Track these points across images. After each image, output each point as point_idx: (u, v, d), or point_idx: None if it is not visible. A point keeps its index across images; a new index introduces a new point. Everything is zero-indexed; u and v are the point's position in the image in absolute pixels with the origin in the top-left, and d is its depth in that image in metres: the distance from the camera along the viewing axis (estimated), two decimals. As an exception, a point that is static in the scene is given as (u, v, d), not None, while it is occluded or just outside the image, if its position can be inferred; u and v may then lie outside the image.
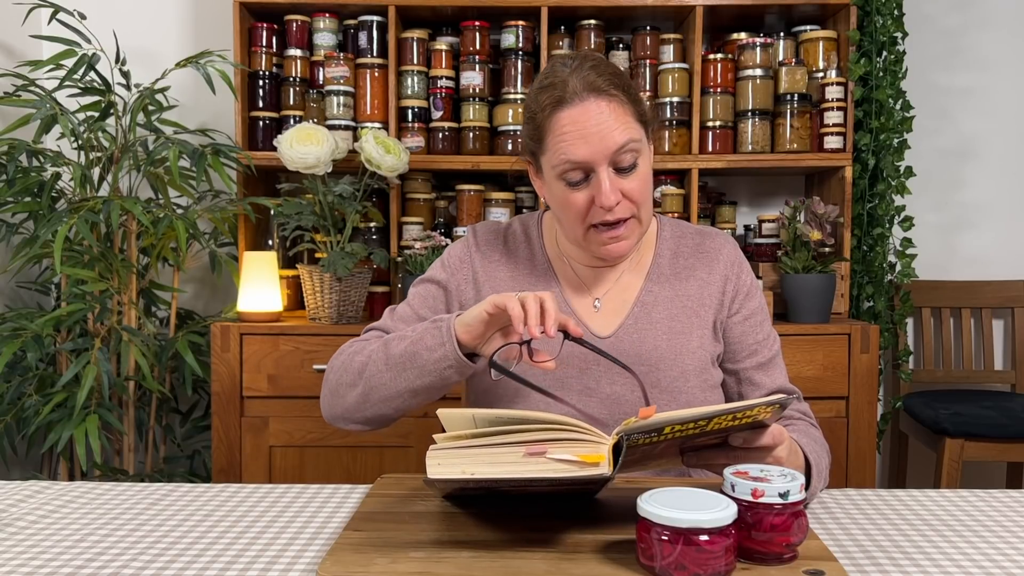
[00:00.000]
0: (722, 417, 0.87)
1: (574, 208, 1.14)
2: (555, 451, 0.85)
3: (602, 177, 1.11)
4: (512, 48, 2.42)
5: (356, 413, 1.17)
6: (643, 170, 1.15)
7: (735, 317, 1.24)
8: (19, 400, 2.23)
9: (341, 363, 1.19)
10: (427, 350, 1.08)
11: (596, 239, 1.16)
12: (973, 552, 0.93)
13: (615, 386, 1.18)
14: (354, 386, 1.15)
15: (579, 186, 1.13)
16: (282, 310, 2.30)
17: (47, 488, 1.15)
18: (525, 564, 0.82)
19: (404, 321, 1.25)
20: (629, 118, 1.13)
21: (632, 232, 1.17)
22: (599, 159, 1.11)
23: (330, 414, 1.21)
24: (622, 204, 1.13)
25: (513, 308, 1.00)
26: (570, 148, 1.11)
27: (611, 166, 1.12)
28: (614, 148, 1.11)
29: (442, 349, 1.07)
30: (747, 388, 1.24)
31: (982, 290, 2.67)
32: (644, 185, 1.15)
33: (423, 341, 1.09)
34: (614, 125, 1.11)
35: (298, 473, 2.18)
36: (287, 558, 0.91)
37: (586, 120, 1.11)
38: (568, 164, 1.12)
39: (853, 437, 2.18)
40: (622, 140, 1.11)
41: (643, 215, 1.17)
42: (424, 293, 1.27)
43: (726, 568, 0.78)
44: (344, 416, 1.19)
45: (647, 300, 1.23)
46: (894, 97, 2.40)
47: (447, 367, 1.07)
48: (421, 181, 2.48)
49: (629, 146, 1.12)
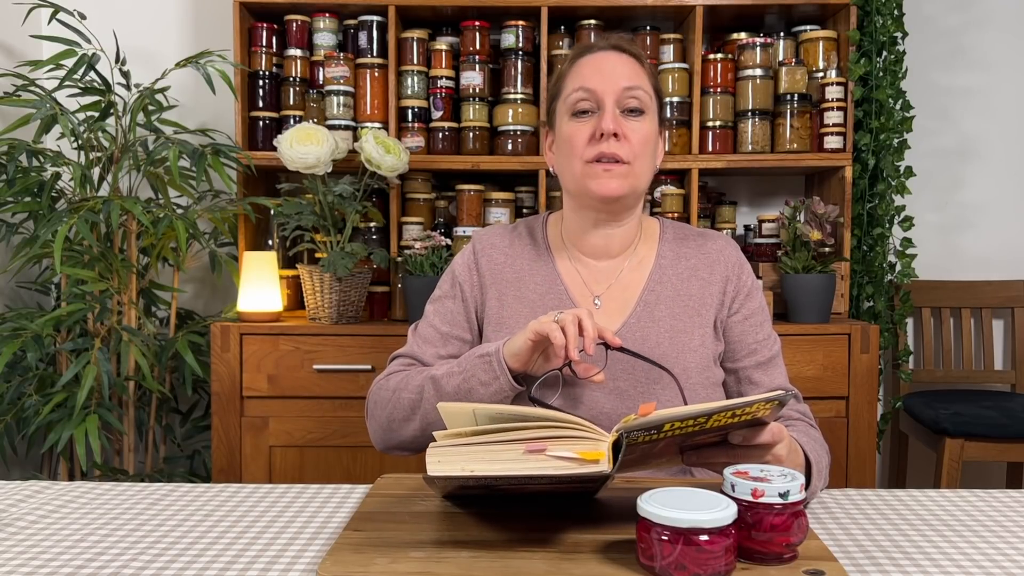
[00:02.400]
0: (721, 414, 0.87)
1: (578, 139, 1.21)
2: (555, 448, 0.85)
3: (608, 108, 1.19)
4: (512, 48, 2.42)
5: (414, 444, 1.22)
6: (646, 127, 1.22)
7: (735, 317, 1.25)
8: (19, 400, 2.23)
9: (387, 399, 1.23)
10: (482, 385, 1.13)
11: (591, 173, 1.20)
12: (973, 552, 0.93)
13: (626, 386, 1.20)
14: (409, 421, 1.20)
15: (585, 117, 1.21)
16: (282, 310, 2.30)
17: (47, 488, 1.15)
18: (525, 564, 0.82)
19: (430, 343, 1.28)
20: (644, 78, 1.23)
21: (625, 179, 1.20)
22: (608, 90, 1.20)
23: (385, 446, 1.26)
24: (622, 142, 1.19)
25: (555, 335, 1.05)
26: (584, 78, 1.21)
27: (617, 106, 1.20)
28: (624, 85, 1.20)
29: (497, 383, 1.12)
30: (747, 387, 1.25)
31: (982, 290, 2.67)
32: (644, 139, 1.21)
33: (476, 377, 1.13)
34: (628, 72, 1.21)
35: (298, 473, 2.18)
36: (287, 558, 0.91)
37: (603, 62, 1.22)
38: (580, 91, 1.21)
39: (853, 437, 2.18)
40: (633, 82, 1.20)
41: (638, 168, 1.21)
42: (442, 311, 1.30)
43: (726, 568, 0.78)
44: (401, 447, 1.25)
45: (649, 299, 1.24)
46: (894, 97, 2.40)
47: (504, 397, 1.13)
48: (421, 181, 2.48)
49: (637, 92, 1.20)
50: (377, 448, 1.27)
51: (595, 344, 1.07)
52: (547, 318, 1.07)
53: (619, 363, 1.18)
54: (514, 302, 1.26)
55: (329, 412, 2.16)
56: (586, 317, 1.06)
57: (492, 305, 1.27)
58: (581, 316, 1.06)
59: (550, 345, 1.08)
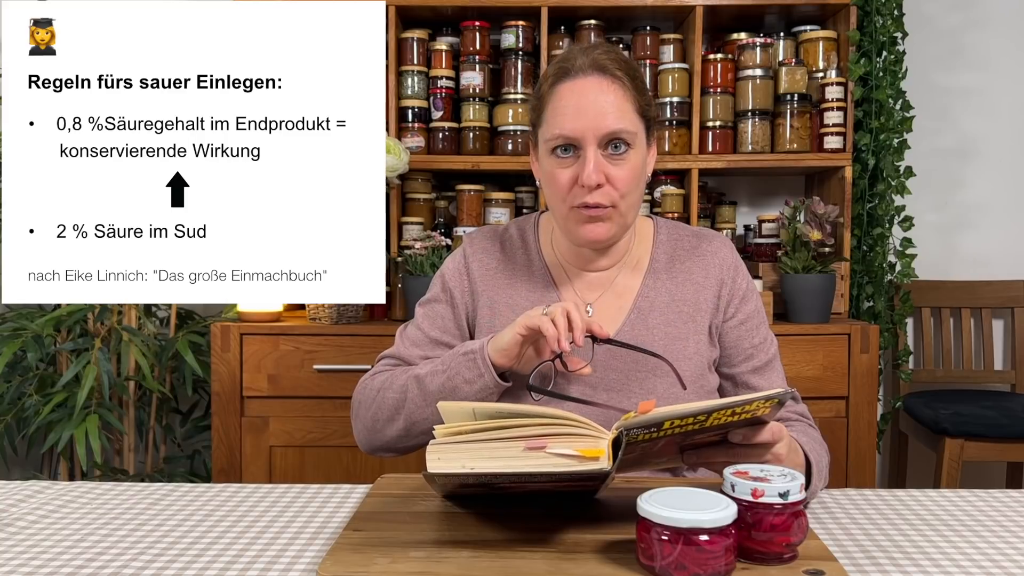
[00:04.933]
0: (721, 412, 0.87)
1: (559, 183, 1.15)
2: (555, 446, 0.85)
3: (588, 155, 1.12)
4: (512, 48, 2.42)
5: (399, 444, 1.21)
6: (634, 162, 1.15)
7: (731, 322, 1.24)
8: (19, 400, 2.23)
9: (371, 399, 1.21)
10: (466, 383, 1.11)
11: (576, 218, 1.16)
12: (973, 552, 0.93)
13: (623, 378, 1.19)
14: (392, 421, 1.18)
15: (566, 161, 1.14)
16: (282, 310, 2.30)
17: (47, 488, 1.15)
18: (525, 564, 0.82)
19: (417, 346, 1.27)
20: (629, 106, 1.14)
21: (611, 221, 1.16)
22: (589, 136, 1.12)
23: (369, 447, 1.24)
24: (604, 189, 1.13)
25: (546, 327, 1.04)
26: (564, 121, 1.12)
27: (600, 148, 1.12)
28: (606, 131, 1.12)
29: (481, 380, 1.11)
30: (744, 393, 1.23)
31: (982, 290, 2.67)
32: (631, 176, 1.14)
33: (460, 375, 1.12)
34: (611, 109, 1.12)
35: (298, 473, 2.18)
36: (287, 558, 0.91)
37: (584, 95, 1.12)
38: (559, 137, 1.13)
39: (853, 437, 2.18)
40: (615, 127, 1.12)
41: (624, 207, 1.16)
42: (431, 314, 1.29)
43: (726, 568, 0.78)
44: (385, 447, 1.22)
45: (643, 305, 1.22)
46: (894, 97, 2.40)
47: (489, 394, 1.11)
48: (421, 181, 2.48)
49: (622, 135, 1.12)
50: (362, 448, 1.25)
51: (584, 336, 1.07)
52: (536, 312, 1.07)
53: (613, 359, 1.18)
54: (505, 309, 1.24)
55: (329, 412, 2.16)
56: (574, 309, 1.06)
57: (484, 312, 1.25)
58: (569, 308, 1.06)
59: (540, 338, 1.07)
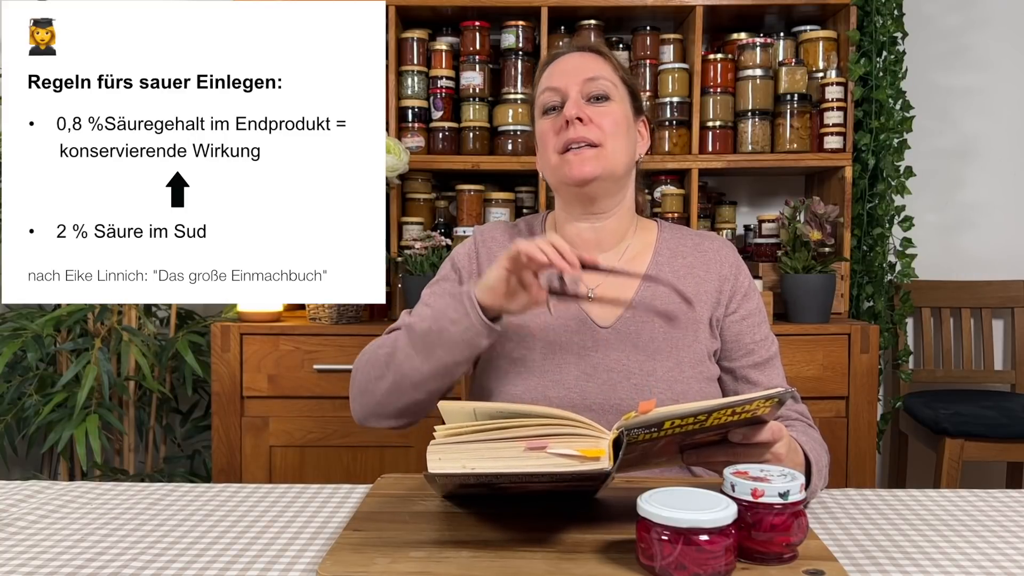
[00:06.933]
0: (721, 412, 0.87)
1: (547, 137, 1.24)
2: (555, 446, 0.85)
3: (572, 96, 1.22)
4: (512, 48, 2.42)
5: (389, 406, 1.16)
6: (614, 110, 1.23)
7: (732, 316, 1.25)
8: (19, 400, 2.23)
9: (366, 360, 1.19)
10: (451, 323, 1.09)
11: (565, 160, 1.22)
12: (973, 552, 0.93)
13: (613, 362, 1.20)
14: (383, 378, 1.15)
15: (553, 114, 1.24)
16: (282, 310, 2.30)
17: (47, 488, 1.15)
18: (525, 564, 0.82)
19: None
20: (607, 69, 1.26)
21: (597, 161, 1.21)
22: (571, 84, 1.23)
23: (362, 414, 1.20)
24: (589, 126, 1.21)
25: (534, 252, 1.02)
26: (550, 79, 1.26)
27: (582, 96, 1.23)
28: (586, 76, 1.23)
29: (467, 319, 1.08)
30: (743, 386, 1.24)
31: (982, 290, 2.67)
32: (614, 120, 1.23)
33: (446, 315, 1.10)
34: (591, 66, 1.25)
35: (298, 473, 2.18)
36: (287, 558, 0.91)
37: (567, 63, 1.27)
38: (546, 91, 1.25)
39: (853, 437, 2.18)
40: (594, 72, 1.24)
41: (611, 149, 1.21)
42: (439, 292, 1.29)
43: (726, 568, 0.78)
44: (376, 412, 1.18)
45: (645, 294, 1.24)
46: (894, 97, 2.40)
47: (476, 335, 1.08)
48: (421, 181, 2.48)
49: (599, 81, 1.23)
50: (355, 418, 1.21)
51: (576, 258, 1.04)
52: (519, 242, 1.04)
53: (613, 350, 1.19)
54: None
55: (329, 412, 2.16)
56: (557, 239, 1.04)
57: None
58: (552, 238, 1.04)
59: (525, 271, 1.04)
